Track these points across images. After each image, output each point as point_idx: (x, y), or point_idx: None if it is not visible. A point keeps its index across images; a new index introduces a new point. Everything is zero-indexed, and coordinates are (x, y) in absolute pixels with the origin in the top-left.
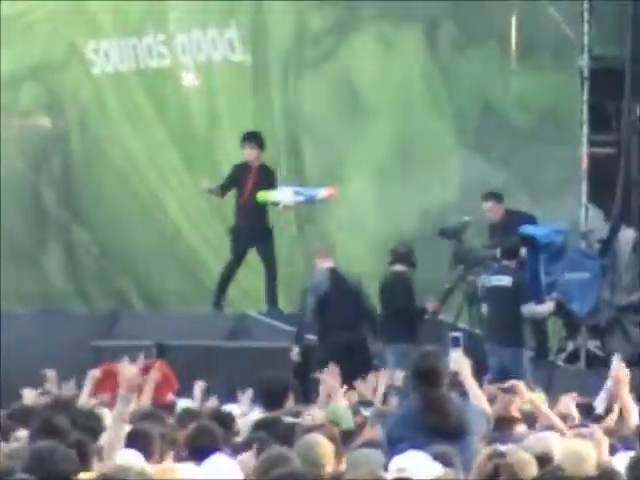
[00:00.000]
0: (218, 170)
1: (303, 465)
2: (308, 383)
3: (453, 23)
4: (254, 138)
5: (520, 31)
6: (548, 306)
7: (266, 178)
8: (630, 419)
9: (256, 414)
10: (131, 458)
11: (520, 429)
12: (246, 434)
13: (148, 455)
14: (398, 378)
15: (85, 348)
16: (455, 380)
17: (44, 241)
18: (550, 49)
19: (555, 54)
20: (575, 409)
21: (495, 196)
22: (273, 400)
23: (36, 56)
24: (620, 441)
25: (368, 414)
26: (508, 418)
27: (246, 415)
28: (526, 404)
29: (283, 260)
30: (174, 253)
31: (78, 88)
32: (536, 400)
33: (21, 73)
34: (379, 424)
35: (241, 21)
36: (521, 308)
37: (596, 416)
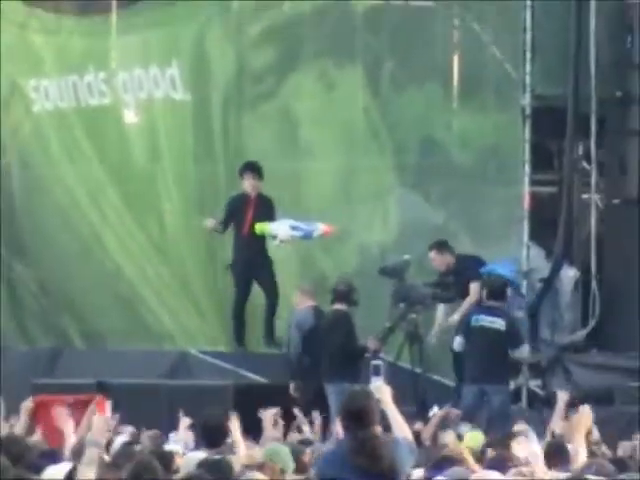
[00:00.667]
0: (157, 207)
1: None
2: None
3: (394, 61)
4: (254, 168)
5: (462, 70)
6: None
7: (265, 207)
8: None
9: (200, 453)
10: None
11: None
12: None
13: None
14: None
15: (26, 386)
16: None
17: None
18: (492, 88)
19: (497, 93)
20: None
21: (438, 246)
22: (213, 437)
23: None
24: None
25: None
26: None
27: (188, 453)
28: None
29: (223, 296)
30: (114, 290)
31: (19, 125)
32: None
33: None
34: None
35: (183, 59)
36: (513, 352)
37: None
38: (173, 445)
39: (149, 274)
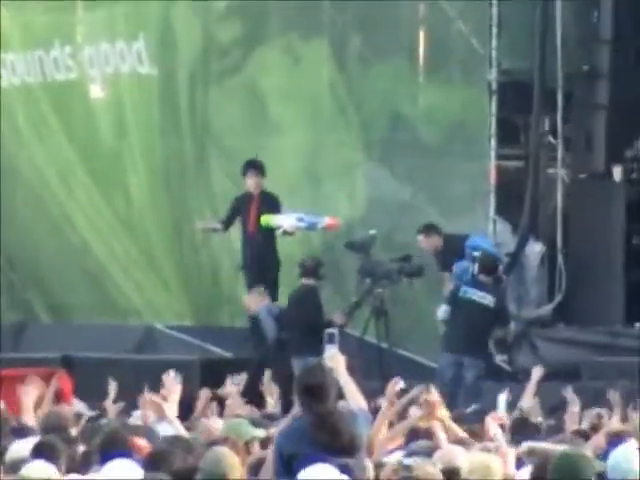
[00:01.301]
0: (124, 182)
1: (209, 478)
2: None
3: (360, 36)
4: (256, 166)
5: (428, 45)
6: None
7: (269, 205)
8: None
9: (167, 427)
10: (41, 469)
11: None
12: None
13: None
14: None
15: None
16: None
17: None
18: (458, 63)
19: (463, 68)
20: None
21: (425, 230)
22: (181, 411)
23: None
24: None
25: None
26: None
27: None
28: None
29: (190, 270)
30: (82, 266)
31: None
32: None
33: None
34: None
35: (149, 34)
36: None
37: None
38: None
39: (116, 249)
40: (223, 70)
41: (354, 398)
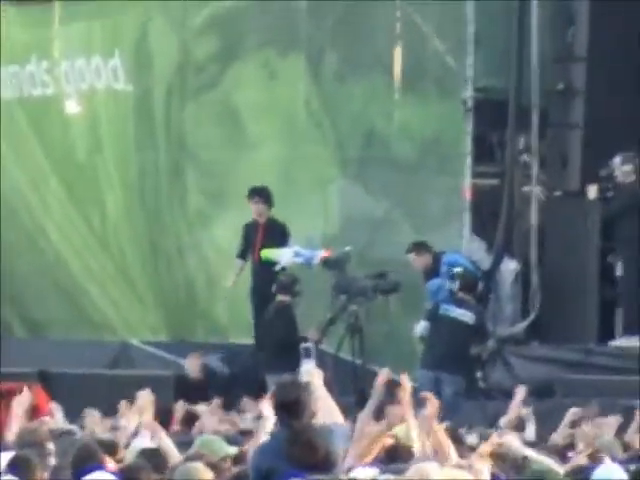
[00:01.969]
0: (99, 197)
1: None
2: None
3: (336, 53)
4: (258, 193)
5: (404, 62)
6: None
7: (274, 234)
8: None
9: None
10: None
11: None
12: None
13: None
14: None
15: None
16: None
17: None
18: (434, 80)
19: (439, 85)
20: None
21: (417, 248)
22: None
23: None
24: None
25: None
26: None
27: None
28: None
29: (165, 286)
30: (57, 281)
31: None
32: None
33: None
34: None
35: (125, 50)
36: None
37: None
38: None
39: (91, 265)
40: (199, 85)
41: (331, 413)
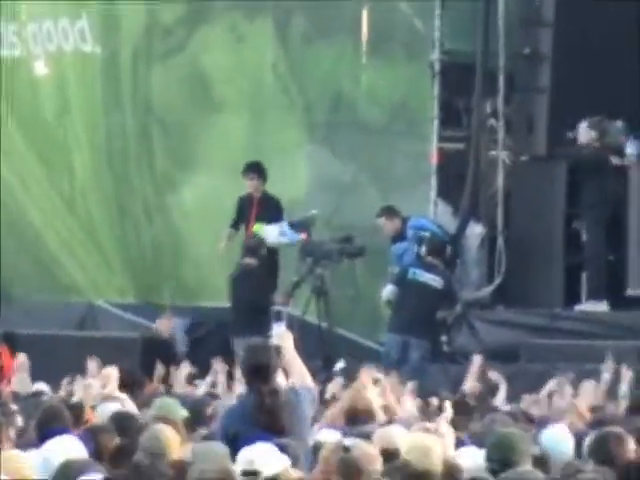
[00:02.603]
0: (68, 161)
1: (148, 455)
2: None
3: (304, 16)
4: (253, 169)
5: (371, 25)
6: None
7: (269, 208)
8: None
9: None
10: None
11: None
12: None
13: None
14: None
15: None
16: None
17: None
18: (401, 43)
19: (406, 48)
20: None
21: (388, 212)
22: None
23: None
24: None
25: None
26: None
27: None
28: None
29: (132, 249)
30: (24, 243)
31: None
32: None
33: None
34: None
35: (92, 12)
36: (447, 311)
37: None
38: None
39: (58, 226)
40: (166, 49)
41: (301, 376)
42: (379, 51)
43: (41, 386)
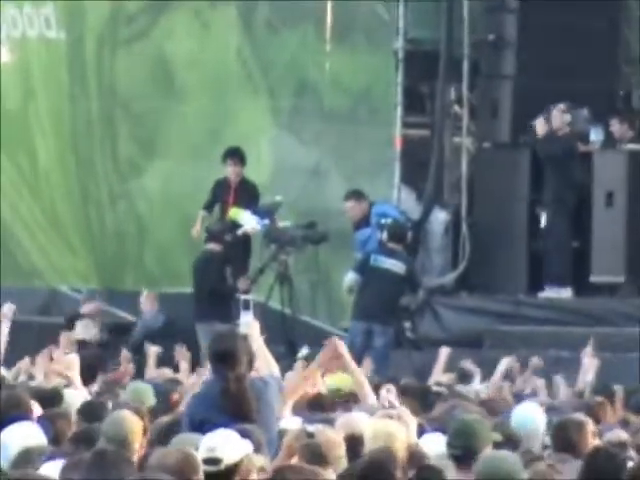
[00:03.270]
0: (32, 146)
1: (110, 442)
2: None
3: (268, 3)
4: (236, 155)
5: (335, 13)
6: None
7: (246, 193)
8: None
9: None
10: None
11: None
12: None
13: None
14: None
15: None
16: None
17: None
18: (365, 31)
19: (370, 36)
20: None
21: (356, 195)
22: (85, 375)
23: None
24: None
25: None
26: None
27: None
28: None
29: (96, 235)
30: None
31: None
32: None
33: None
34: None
35: None
36: (410, 296)
37: None
38: None
39: (20, 211)
40: (131, 35)
41: (268, 364)
42: (343, 39)
43: (1, 371)
